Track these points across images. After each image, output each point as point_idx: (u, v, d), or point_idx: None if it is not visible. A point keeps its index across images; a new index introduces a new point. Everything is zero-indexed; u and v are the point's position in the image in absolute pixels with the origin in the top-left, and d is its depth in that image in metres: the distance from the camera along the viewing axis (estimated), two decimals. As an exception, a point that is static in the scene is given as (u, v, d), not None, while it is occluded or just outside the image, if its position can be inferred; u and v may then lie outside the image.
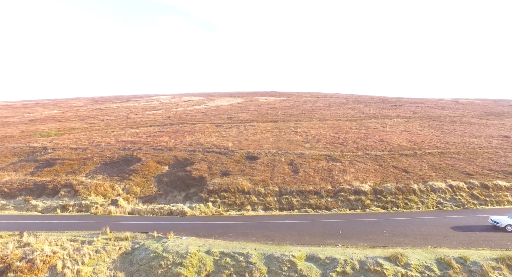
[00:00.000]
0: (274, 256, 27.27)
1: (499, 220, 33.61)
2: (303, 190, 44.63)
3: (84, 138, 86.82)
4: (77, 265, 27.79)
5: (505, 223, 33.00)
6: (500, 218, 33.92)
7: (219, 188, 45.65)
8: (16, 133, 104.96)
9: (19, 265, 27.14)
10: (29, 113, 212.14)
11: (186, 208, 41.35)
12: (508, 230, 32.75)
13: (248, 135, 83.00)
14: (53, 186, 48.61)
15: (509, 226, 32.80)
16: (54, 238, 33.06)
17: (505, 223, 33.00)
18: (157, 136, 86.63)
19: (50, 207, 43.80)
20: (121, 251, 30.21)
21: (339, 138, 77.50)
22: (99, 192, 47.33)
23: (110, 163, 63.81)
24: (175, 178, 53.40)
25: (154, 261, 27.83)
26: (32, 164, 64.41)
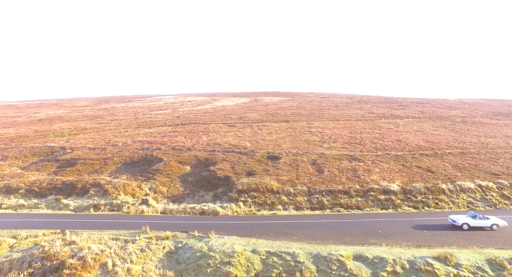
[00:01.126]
0: (321, 255, 27.57)
1: (456, 218, 34.74)
2: (332, 190, 44.93)
3: (99, 138, 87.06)
4: (126, 263, 28.09)
5: (462, 222, 34.21)
6: (457, 217, 35.03)
7: (248, 188, 45.95)
8: (29, 133, 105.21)
9: (72, 263, 27.46)
10: (35, 113, 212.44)
11: (218, 208, 41.64)
12: (464, 228, 33.98)
13: (264, 135, 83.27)
14: (82, 186, 48.90)
15: (465, 225, 34.03)
16: (96, 236, 33.38)
17: (462, 222, 34.21)
18: (172, 136, 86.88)
19: (81, 206, 44.09)
20: (166, 250, 30.51)
21: (355, 138, 77.80)
22: (128, 191, 47.61)
23: (131, 163, 64.10)
24: (200, 178, 53.69)
25: (202, 260, 28.12)
26: (53, 163, 64.70)
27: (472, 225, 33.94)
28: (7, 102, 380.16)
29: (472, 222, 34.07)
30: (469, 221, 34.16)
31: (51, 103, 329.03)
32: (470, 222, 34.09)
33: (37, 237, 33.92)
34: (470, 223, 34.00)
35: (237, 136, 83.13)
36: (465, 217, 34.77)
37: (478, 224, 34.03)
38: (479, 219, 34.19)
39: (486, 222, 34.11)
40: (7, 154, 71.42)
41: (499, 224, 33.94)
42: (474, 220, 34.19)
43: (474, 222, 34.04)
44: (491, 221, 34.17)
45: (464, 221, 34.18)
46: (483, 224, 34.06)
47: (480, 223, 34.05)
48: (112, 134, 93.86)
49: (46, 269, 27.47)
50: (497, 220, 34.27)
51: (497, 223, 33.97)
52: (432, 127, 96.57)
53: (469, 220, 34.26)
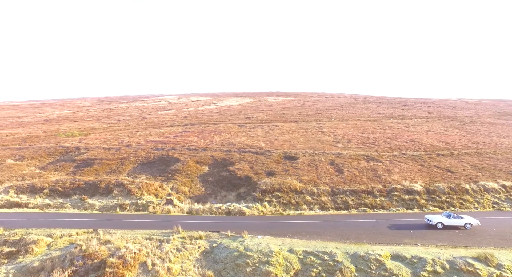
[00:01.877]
0: (359, 254, 27.88)
1: (431, 218, 35.69)
2: (355, 190, 45.26)
3: (111, 138, 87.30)
4: (165, 262, 28.39)
5: (436, 221, 35.16)
6: (432, 217, 35.95)
7: (272, 188, 46.25)
8: (39, 133, 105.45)
9: (113, 261, 27.77)
10: (40, 113, 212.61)
11: (244, 208, 41.93)
12: (438, 227, 34.86)
13: (277, 135, 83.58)
14: (105, 186, 49.17)
15: (439, 224, 34.94)
16: (129, 236, 33.67)
17: (436, 221, 35.16)
18: (184, 136, 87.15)
19: (106, 206, 44.38)
20: (201, 250, 30.81)
21: (368, 138, 78.13)
22: (151, 191, 47.89)
23: (147, 163, 64.36)
24: (220, 178, 53.98)
25: (240, 260, 28.42)
26: (70, 163, 64.96)
27: (446, 224, 34.94)
28: (10, 102, 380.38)
29: (447, 221, 35.04)
30: (443, 220, 35.09)
31: (54, 103, 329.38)
32: (444, 221, 35.03)
33: (71, 236, 34.22)
34: (444, 222, 34.97)
35: (249, 136, 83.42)
36: (440, 217, 35.77)
37: (452, 223, 35.00)
38: (453, 219, 35.18)
39: (460, 221, 35.01)
40: (23, 154, 71.68)
41: (472, 223, 34.86)
42: (449, 219, 35.18)
43: (448, 221, 35.02)
44: (464, 220, 35.03)
45: (439, 220, 35.15)
46: (457, 223, 35.00)
47: (454, 222, 34.99)
48: (124, 134, 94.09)
49: (88, 268, 27.79)
50: (471, 219, 35.14)
51: (470, 222, 34.85)
52: (442, 127, 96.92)
53: (444, 219, 35.20)
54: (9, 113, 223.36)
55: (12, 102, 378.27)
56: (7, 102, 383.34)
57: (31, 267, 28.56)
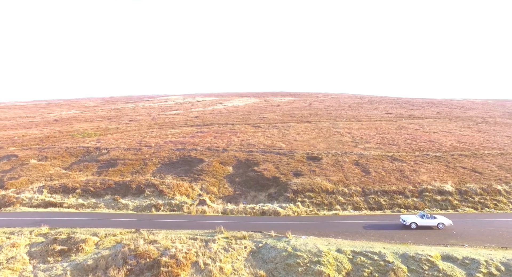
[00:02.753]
0: (409, 255, 28.29)
1: (405, 218, 36.41)
2: (387, 190, 45.70)
3: (129, 139, 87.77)
4: (216, 262, 28.84)
5: (410, 221, 35.85)
6: (406, 217, 36.70)
7: (303, 188, 46.69)
8: (54, 133, 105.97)
9: (166, 261, 28.24)
10: (47, 114, 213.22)
11: (278, 208, 42.38)
12: (412, 227, 35.54)
13: (294, 136, 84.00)
14: (136, 186, 49.62)
15: (413, 224, 35.66)
16: (173, 236, 34.12)
17: (410, 221, 35.85)
18: (201, 136, 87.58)
19: (140, 206, 44.85)
20: (248, 250, 31.25)
21: (386, 138, 78.52)
22: (182, 192, 48.34)
23: (169, 163, 64.79)
24: (247, 178, 54.41)
25: (290, 260, 28.85)
26: (94, 164, 65.45)
27: (419, 224, 35.61)
28: (16, 102, 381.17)
29: (420, 221, 35.70)
30: (417, 220, 35.74)
31: (59, 103, 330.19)
32: (418, 221, 35.68)
33: (115, 235, 34.71)
34: (418, 223, 35.62)
35: (267, 137, 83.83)
36: (414, 217, 36.48)
37: (425, 223, 35.68)
38: (426, 219, 35.88)
39: (433, 221, 35.74)
40: (46, 154, 72.20)
41: (445, 223, 35.60)
42: (422, 219, 35.86)
43: (421, 221, 35.68)
44: (437, 220, 35.77)
45: (413, 220, 35.82)
46: (430, 223, 35.70)
47: (427, 222, 35.69)
48: (140, 135, 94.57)
49: (142, 266, 28.26)
50: (443, 219, 35.90)
51: (443, 222, 35.58)
52: (457, 127, 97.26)
53: (417, 219, 35.85)
54: (17, 113, 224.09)
55: (17, 102, 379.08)
56: (12, 102, 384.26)
57: (86, 265, 29.06)
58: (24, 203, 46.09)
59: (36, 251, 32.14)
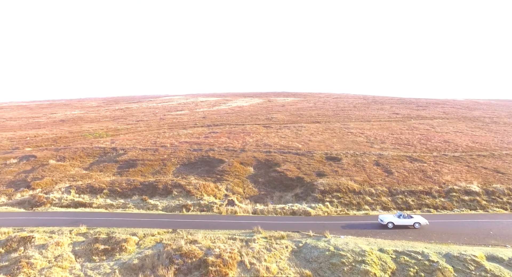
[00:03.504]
0: (453, 255, 28.77)
1: (383, 218, 37.17)
2: (413, 190, 46.23)
3: (143, 139, 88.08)
4: (262, 261, 29.29)
5: (387, 221, 36.58)
6: (384, 217, 37.40)
7: (330, 189, 47.19)
8: (65, 134, 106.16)
9: (213, 260, 28.67)
10: (52, 114, 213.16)
11: (308, 208, 42.85)
12: (389, 226, 36.28)
13: (308, 136, 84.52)
14: (163, 186, 49.99)
15: (390, 223, 36.39)
16: (211, 236, 34.54)
17: (387, 221, 36.58)
18: (214, 137, 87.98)
19: (169, 206, 45.23)
20: (289, 249, 31.69)
21: (401, 139, 79.13)
22: (209, 192, 48.75)
23: (188, 163, 65.14)
24: (270, 178, 54.85)
25: (334, 259, 29.31)
26: (113, 164, 65.76)
27: (396, 223, 36.31)
28: (17, 103, 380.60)
29: (397, 221, 36.39)
30: (394, 220, 36.45)
31: (61, 104, 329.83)
32: (394, 221, 36.38)
33: (154, 235, 35.11)
34: (395, 222, 36.34)
35: (281, 137, 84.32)
36: (391, 217, 37.19)
37: (402, 222, 36.35)
38: (403, 218, 36.55)
39: (409, 221, 36.41)
40: (63, 155, 72.49)
41: (421, 223, 36.35)
42: (399, 219, 36.54)
43: (398, 221, 36.38)
44: (413, 220, 36.45)
45: (389, 220, 36.55)
46: (406, 222, 36.38)
47: (404, 221, 36.36)
48: (152, 135, 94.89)
49: (189, 266, 28.68)
50: (420, 219, 36.65)
51: (419, 221, 36.33)
52: (468, 128, 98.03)
53: (394, 219, 36.55)
54: (21, 113, 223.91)
55: (19, 102, 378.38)
56: (14, 102, 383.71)
57: (132, 264, 29.47)
58: (54, 203, 46.42)
59: (80, 250, 32.54)
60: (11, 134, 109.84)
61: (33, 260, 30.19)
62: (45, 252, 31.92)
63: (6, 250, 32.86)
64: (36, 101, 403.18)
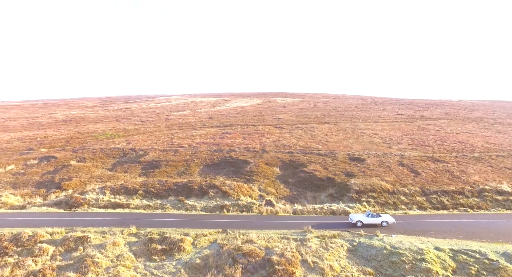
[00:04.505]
0: (510, 253, 29.84)
1: (353, 217, 38.79)
2: (446, 190, 47.44)
3: (158, 140, 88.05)
4: (323, 260, 30.03)
5: (356, 220, 38.18)
6: (353, 216, 38.98)
7: (365, 189, 48.15)
8: (74, 134, 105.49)
9: (278, 260, 29.31)
10: (50, 114, 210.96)
11: (346, 208, 43.75)
12: (358, 225, 37.83)
13: (323, 137, 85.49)
14: (198, 187, 50.35)
15: (359, 222, 37.94)
16: (263, 235, 35.14)
17: (356, 220, 38.18)
18: (230, 137, 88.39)
19: (208, 207, 45.66)
20: (345, 248, 32.50)
21: (415, 139, 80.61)
22: (244, 192, 49.27)
23: (212, 164, 65.49)
24: (300, 179, 55.60)
25: (393, 257, 30.17)
26: (136, 165, 65.77)
27: (365, 222, 37.81)
28: (10, 102, 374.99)
29: (365, 219, 37.91)
30: (362, 219, 37.97)
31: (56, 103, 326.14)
32: (363, 219, 37.90)
33: (206, 235, 35.58)
34: (364, 221, 37.84)
35: (297, 138, 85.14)
36: (361, 216, 38.69)
37: (370, 221, 37.87)
38: (371, 217, 38.09)
39: (377, 220, 37.96)
40: (82, 156, 72.25)
41: (388, 221, 37.91)
42: (367, 218, 38.06)
43: (367, 220, 37.90)
44: (381, 218, 38.03)
45: (358, 219, 38.08)
46: (374, 221, 37.90)
47: (372, 220, 37.89)
48: (166, 136, 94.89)
49: (254, 265, 29.27)
50: (387, 217, 38.28)
51: (387, 220, 37.91)
52: (475, 128, 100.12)
53: (363, 218, 38.07)
54: (18, 113, 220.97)
55: (12, 102, 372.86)
56: (6, 102, 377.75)
57: (196, 264, 29.96)
58: (91, 204, 46.50)
59: (138, 250, 32.87)
60: (19, 135, 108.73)
61: (97, 259, 30.49)
62: (105, 251, 32.20)
63: (65, 249, 33.11)
64: (29, 101, 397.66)
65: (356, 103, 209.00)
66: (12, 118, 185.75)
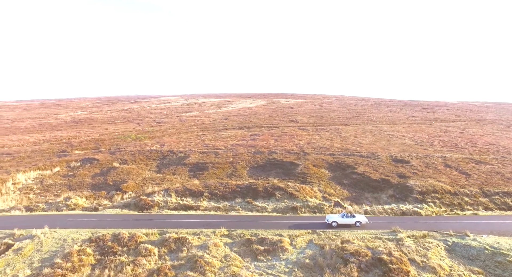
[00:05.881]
0: None
1: (329, 217, 40.44)
2: (507, 192, 49.13)
3: (191, 142, 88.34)
4: (430, 259, 31.20)
5: (331, 220, 39.75)
6: (329, 216, 40.63)
7: (427, 190, 49.58)
8: (99, 136, 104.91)
9: (390, 259, 30.39)
10: (54, 115, 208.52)
11: (415, 208, 45.08)
12: (333, 225, 39.38)
13: (354, 139, 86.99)
14: (263, 189, 51.11)
15: (334, 223, 39.50)
16: (356, 236, 36.17)
17: (331, 220, 39.75)
18: (261, 139, 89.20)
19: (278, 208, 46.45)
20: (441, 248, 33.75)
21: (445, 141, 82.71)
22: (308, 194, 50.24)
23: (258, 166, 66.20)
24: (353, 180, 56.79)
25: (499, 257, 31.34)
26: (183, 167, 66.08)
27: (340, 223, 39.37)
28: (5, 102, 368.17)
29: (340, 220, 39.51)
30: (337, 219, 39.58)
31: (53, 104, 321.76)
32: (338, 220, 39.49)
33: (298, 236, 36.41)
34: (338, 221, 39.42)
35: (328, 140, 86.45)
36: (336, 216, 40.29)
37: (345, 221, 39.46)
38: (346, 218, 39.73)
39: (351, 220, 39.58)
40: (123, 158, 72.24)
41: (361, 221, 39.62)
42: (342, 218, 39.67)
43: (341, 220, 39.49)
44: (355, 219, 39.67)
45: (333, 219, 39.66)
46: (348, 221, 39.51)
47: (346, 221, 39.50)
48: (195, 138, 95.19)
49: (366, 264, 30.25)
50: (361, 218, 40.02)
51: (360, 220, 39.60)
52: (493, 130, 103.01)
53: (338, 219, 39.68)
54: (19, 113, 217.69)
55: (6, 102, 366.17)
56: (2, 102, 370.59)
57: (306, 263, 30.84)
58: (161, 206, 46.89)
59: (240, 251, 33.55)
60: (41, 136, 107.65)
61: (207, 259, 31.14)
62: (209, 252, 32.82)
63: (168, 249, 33.67)
64: (24, 101, 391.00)
65: (361, 105, 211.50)
66: (17, 119, 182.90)
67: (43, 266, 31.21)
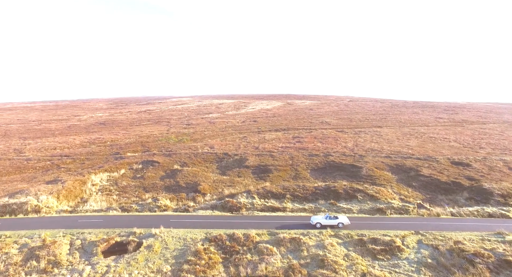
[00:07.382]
0: None
1: (313, 219, 41.45)
2: None
3: (238, 144, 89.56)
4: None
5: (315, 221, 40.90)
6: (314, 218, 41.70)
7: (508, 193, 50.71)
8: (136, 139, 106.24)
9: None
10: (76, 116, 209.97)
11: (502, 211, 46.26)
12: (317, 226, 40.50)
13: (399, 141, 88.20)
14: (343, 191, 52.41)
15: (318, 224, 40.63)
16: (461, 237, 37.41)
17: (315, 221, 40.90)
18: (307, 141, 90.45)
19: (363, 209, 47.67)
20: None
21: (492, 143, 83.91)
22: (387, 196, 51.47)
23: (317, 169, 67.42)
24: (422, 182, 57.96)
25: None
26: (245, 170, 67.24)
27: (323, 224, 40.48)
28: (19, 103, 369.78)
29: (324, 221, 40.62)
30: (321, 221, 40.71)
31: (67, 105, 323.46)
32: (322, 221, 40.62)
33: (404, 236, 37.63)
34: (322, 222, 40.53)
35: (373, 142, 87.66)
36: (320, 218, 41.44)
37: (328, 223, 40.52)
38: (329, 219, 40.81)
39: (334, 221, 40.65)
40: (181, 160, 73.49)
41: (344, 223, 40.65)
42: (325, 220, 40.77)
43: (325, 221, 40.59)
44: (338, 220, 40.73)
45: (317, 221, 40.82)
46: (331, 222, 40.57)
47: (329, 222, 40.57)
48: (240, 140, 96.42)
49: (493, 265, 31.46)
50: (343, 219, 41.07)
51: (343, 221, 40.61)
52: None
53: (322, 220, 40.79)
54: (39, 115, 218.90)
55: (20, 103, 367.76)
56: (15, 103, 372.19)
57: (429, 263, 32.13)
58: (248, 208, 48.17)
59: (356, 250, 34.79)
60: (82, 138, 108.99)
61: (333, 258, 32.52)
62: (329, 251, 34.20)
63: (286, 249, 35.21)
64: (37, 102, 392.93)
65: (379, 106, 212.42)
66: (43, 121, 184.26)
67: (178, 262, 32.65)
